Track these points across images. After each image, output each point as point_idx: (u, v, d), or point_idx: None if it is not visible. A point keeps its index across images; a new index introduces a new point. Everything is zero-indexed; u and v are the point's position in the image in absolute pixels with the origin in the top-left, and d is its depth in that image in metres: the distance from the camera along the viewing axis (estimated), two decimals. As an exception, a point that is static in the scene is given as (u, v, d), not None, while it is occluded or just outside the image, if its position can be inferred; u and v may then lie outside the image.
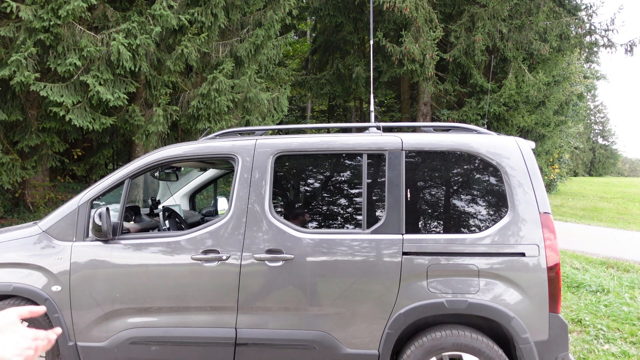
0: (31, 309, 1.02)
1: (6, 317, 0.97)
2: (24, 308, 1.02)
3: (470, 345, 2.67)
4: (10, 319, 0.97)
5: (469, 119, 13.23)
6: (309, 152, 3.05)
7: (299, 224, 2.94)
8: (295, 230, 2.88)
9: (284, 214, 3.03)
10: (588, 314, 5.03)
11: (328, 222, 3.05)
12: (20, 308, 1.02)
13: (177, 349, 2.96)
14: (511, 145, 2.89)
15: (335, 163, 3.12)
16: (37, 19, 6.56)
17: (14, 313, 0.98)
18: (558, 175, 25.70)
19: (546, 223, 2.72)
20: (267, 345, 2.87)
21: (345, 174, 3.14)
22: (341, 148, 3.00)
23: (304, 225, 2.97)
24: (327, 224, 3.03)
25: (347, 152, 3.02)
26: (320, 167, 3.16)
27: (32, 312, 1.02)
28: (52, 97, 6.88)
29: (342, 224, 3.02)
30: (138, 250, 3.00)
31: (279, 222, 2.90)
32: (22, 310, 1.01)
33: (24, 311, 1.01)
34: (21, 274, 3.15)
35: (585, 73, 24.31)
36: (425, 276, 2.73)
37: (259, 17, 9.32)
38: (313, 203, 3.17)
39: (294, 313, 2.85)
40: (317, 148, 3.03)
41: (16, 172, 7.80)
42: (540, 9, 12.55)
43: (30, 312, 1.01)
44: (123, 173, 3.19)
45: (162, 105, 8.04)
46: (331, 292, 2.81)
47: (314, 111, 22.52)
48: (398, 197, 2.83)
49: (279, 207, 3.08)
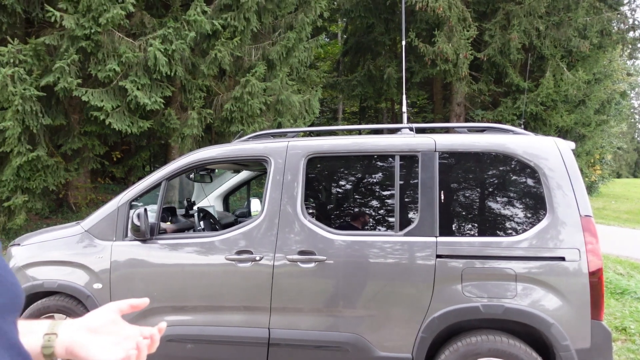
0: (131, 303, 0.88)
1: (104, 315, 0.83)
2: (122, 302, 0.87)
3: (508, 351, 2.59)
4: (109, 317, 0.83)
5: (505, 120, 12.89)
6: (340, 153, 3.05)
7: (331, 226, 2.94)
8: (327, 231, 2.89)
9: (316, 216, 3.04)
10: (633, 322, 4.80)
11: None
12: (119, 302, 0.87)
13: (211, 348, 3.01)
14: (549, 146, 2.80)
15: (367, 165, 3.11)
16: (79, 27, 6.84)
17: (113, 309, 0.84)
18: (600, 176, 24.72)
19: (587, 226, 2.62)
20: (299, 346, 2.88)
21: (378, 176, 3.12)
22: (373, 150, 2.99)
23: (336, 227, 2.97)
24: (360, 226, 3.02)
25: (379, 153, 3.00)
26: (352, 169, 3.16)
27: (133, 305, 0.88)
28: (92, 102, 7.15)
29: (374, 226, 3.00)
30: (174, 250, 3.08)
31: (311, 223, 2.91)
32: (121, 305, 0.86)
33: (124, 305, 0.87)
34: (65, 272, 3.29)
35: (628, 70, 23.29)
36: (460, 280, 2.68)
37: (290, 20, 9.39)
38: (345, 205, 3.17)
39: (327, 314, 2.85)
40: (348, 150, 3.02)
41: (60, 174, 8.14)
42: (580, 5, 12.10)
43: (130, 305, 0.87)
44: (160, 175, 3.28)
45: (197, 109, 8.22)
46: (363, 294, 2.79)
47: (345, 113, 22.49)
48: (431, 199, 2.79)
49: (311, 209, 3.09)
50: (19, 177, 7.44)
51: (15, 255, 3.46)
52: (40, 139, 7.63)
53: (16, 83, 6.71)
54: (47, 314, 3.30)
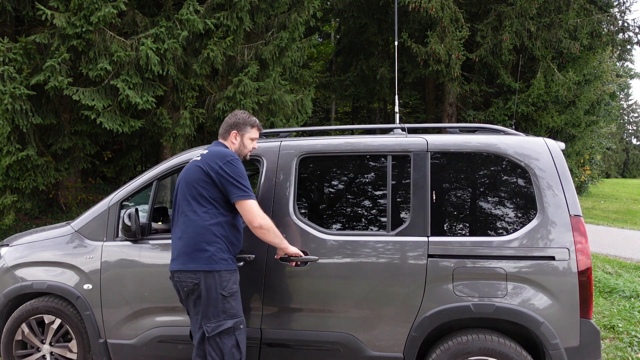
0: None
1: None
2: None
3: (498, 350, 2.61)
4: None
5: (496, 120, 12.97)
6: (333, 153, 3.05)
7: (323, 226, 2.94)
8: (319, 231, 2.89)
9: (308, 216, 3.04)
10: (621, 321, 4.86)
11: (352, 223, 3.04)
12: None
13: (203, 348, 3.00)
14: (540, 146, 2.82)
15: (359, 164, 3.12)
16: (70, 26, 6.78)
17: None
18: (589, 177, 24.96)
19: (577, 226, 2.64)
20: (291, 346, 2.88)
21: (370, 176, 3.12)
22: (365, 150, 3.00)
23: (329, 227, 2.97)
24: (352, 226, 3.03)
25: (371, 153, 3.01)
26: (345, 169, 3.16)
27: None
28: (83, 101, 7.09)
29: (366, 226, 3.01)
30: (165, 250, 3.06)
31: (303, 223, 2.91)
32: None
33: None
34: (55, 272, 3.26)
35: (618, 71, 23.53)
36: (451, 279, 2.69)
37: (283, 19, 9.38)
38: (337, 205, 3.17)
39: (318, 314, 2.86)
40: (341, 150, 3.03)
41: (50, 174, 8.07)
42: (570, 7, 12.21)
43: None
44: (151, 175, 3.27)
45: (189, 108, 8.18)
46: (355, 294, 2.80)
47: (338, 113, 22.50)
48: (423, 199, 2.81)
49: (303, 209, 3.09)
50: (8, 176, 7.36)
51: (4, 255, 3.43)
52: (30, 138, 7.56)
53: (6, 82, 6.64)
54: (36, 315, 3.27)
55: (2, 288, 3.33)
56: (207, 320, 2.55)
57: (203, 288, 2.54)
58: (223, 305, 2.56)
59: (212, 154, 2.70)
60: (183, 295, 2.65)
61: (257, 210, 2.63)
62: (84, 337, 3.22)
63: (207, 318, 2.55)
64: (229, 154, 2.70)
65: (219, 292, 2.55)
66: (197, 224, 2.59)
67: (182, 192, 2.69)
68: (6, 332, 3.28)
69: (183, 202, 2.67)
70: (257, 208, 2.64)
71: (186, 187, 2.67)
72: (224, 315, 2.56)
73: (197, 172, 2.65)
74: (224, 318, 2.56)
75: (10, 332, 3.27)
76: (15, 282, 3.30)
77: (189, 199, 2.64)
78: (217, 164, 2.62)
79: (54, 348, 3.30)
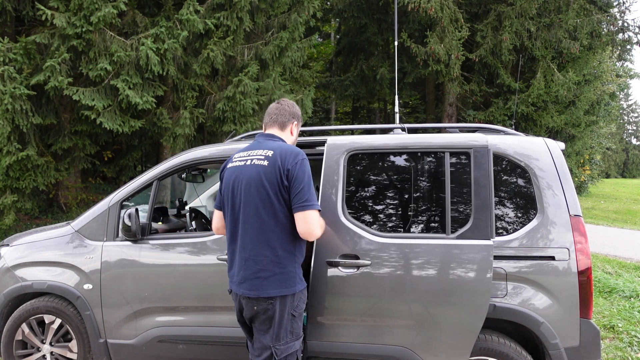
0: None
1: None
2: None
3: (498, 350, 2.61)
4: None
5: (496, 120, 12.98)
6: (384, 150, 2.82)
7: (374, 227, 2.73)
8: (371, 234, 2.68)
9: (358, 217, 2.81)
10: (621, 320, 4.86)
11: (408, 225, 2.80)
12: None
13: (203, 348, 3.00)
14: (540, 146, 2.82)
15: (415, 162, 2.85)
16: (70, 26, 6.78)
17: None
18: (589, 177, 24.96)
19: (577, 226, 2.64)
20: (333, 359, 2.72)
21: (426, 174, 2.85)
22: (421, 146, 2.78)
23: (382, 229, 2.75)
24: (407, 228, 2.78)
25: (427, 150, 2.78)
26: (397, 167, 2.89)
27: None
28: (83, 101, 7.09)
29: (424, 229, 2.77)
30: (165, 250, 3.06)
31: (353, 225, 2.70)
32: None
33: None
34: (55, 272, 3.26)
35: (617, 71, 23.51)
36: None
37: (283, 19, 9.39)
38: (390, 205, 2.88)
39: (370, 325, 2.68)
40: (393, 147, 2.81)
41: (50, 174, 8.07)
42: (570, 7, 12.21)
43: None
44: (151, 175, 3.26)
45: (189, 108, 8.19)
46: (413, 301, 2.58)
47: (338, 113, 22.52)
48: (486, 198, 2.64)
49: (352, 209, 2.83)
50: (8, 176, 7.36)
51: (4, 255, 3.43)
52: (30, 138, 7.56)
53: (6, 82, 6.64)
54: (36, 315, 3.27)
55: (3, 288, 3.33)
56: (277, 341, 2.29)
57: (277, 309, 2.28)
58: (291, 325, 2.32)
59: (285, 150, 2.31)
60: (249, 313, 2.34)
61: (320, 220, 2.33)
62: (84, 337, 3.22)
63: (278, 340, 2.29)
64: (300, 150, 2.33)
65: (290, 312, 2.31)
66: (275, 237, 2.26)
67: (252, 197, 2.27)
68: (6, 332, 3.29)
69: (250, 209, 2.28)
70: (320, 218, 2.33)
71: (258, 192, 2.26)
72: (291, 337, 2.33)
73: (273, 172, 2.26)
74: (291, 339, 2.33)
75: (11, 332, 3.28)
76: (16, 282, 3.30)
77: (261, 207, 2.25)
78: (292, 162, 2.26)
79: (54, 348, 3.30)
